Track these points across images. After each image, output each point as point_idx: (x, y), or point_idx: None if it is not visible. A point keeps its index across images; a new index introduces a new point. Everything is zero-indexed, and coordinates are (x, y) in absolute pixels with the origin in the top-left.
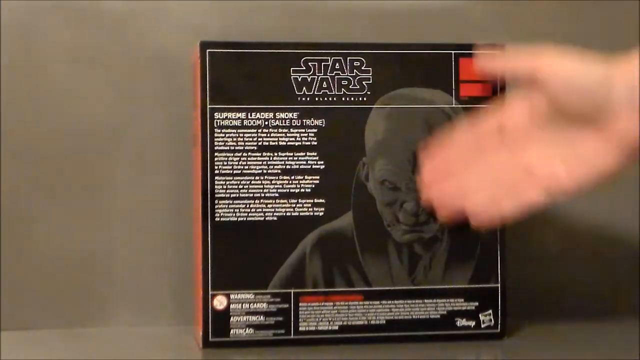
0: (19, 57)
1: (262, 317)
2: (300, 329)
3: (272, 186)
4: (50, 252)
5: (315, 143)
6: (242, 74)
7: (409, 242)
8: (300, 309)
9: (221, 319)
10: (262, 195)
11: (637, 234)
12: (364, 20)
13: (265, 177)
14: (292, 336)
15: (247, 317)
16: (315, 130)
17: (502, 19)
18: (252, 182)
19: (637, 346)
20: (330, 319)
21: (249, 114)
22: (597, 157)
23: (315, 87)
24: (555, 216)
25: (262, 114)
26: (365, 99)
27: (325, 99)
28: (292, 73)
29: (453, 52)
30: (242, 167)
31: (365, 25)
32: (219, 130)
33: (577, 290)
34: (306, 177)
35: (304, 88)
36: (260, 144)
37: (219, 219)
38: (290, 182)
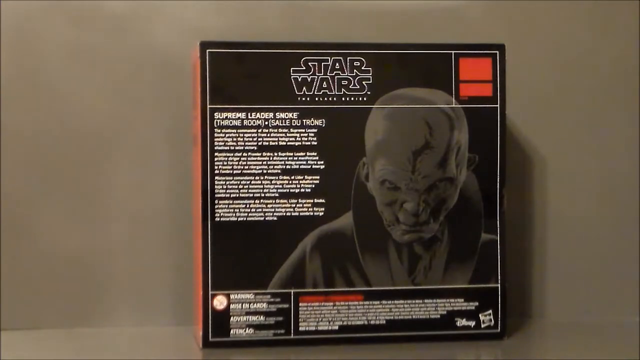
0: (19, 57)
1: (262, 317)
2: (300, 329)
3: (272, 186)
4: (51, 251)
5: (315, 143)
6: (242, 74)
7: (409, 242)
8: (300, 309)
9: (221, 319)
10: (262, 195)
11: (637, 234)
12: (364, 20)
13: (265, 177)
14: (292, 336)
15: (247, 317)
16: (315, 130)
17: (502, 19)
18: (252, 182)
19: (637, 346)
20: (330, 319)
21: (249, 114)
22: None
23: (315, 87)
24: (556, 216)
25: (262, 114)
26: (365, 99)
27: (325, 99)
28: (292, 73)
29: (453, 52)
30: (242, 167)
31: (365, 25)
32: (219, 130)
33: (576, 290)
34: (306, 177)
35: (304, 88)
36: (260, 144)
37: (219, 219)
38: (290, 182)
